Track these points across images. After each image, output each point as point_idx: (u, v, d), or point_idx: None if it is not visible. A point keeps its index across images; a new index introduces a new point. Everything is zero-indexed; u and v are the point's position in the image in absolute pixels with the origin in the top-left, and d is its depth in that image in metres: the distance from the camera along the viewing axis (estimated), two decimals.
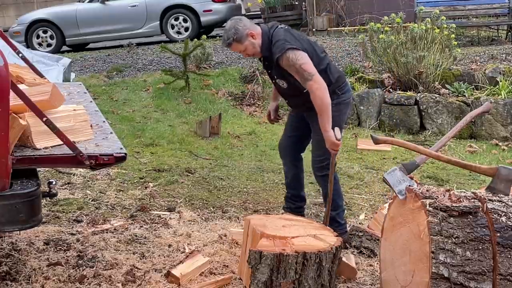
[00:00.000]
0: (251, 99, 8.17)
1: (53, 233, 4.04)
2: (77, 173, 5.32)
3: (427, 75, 7.62)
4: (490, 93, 7.48)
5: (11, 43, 4.20)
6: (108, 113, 7.24)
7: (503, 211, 2.63)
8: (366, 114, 7.59)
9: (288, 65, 3.63)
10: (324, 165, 3.88)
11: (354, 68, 8.53)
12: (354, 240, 3.88)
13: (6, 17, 17.33)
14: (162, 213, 4.52)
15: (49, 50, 11.62)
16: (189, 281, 3.35)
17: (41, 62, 7.48)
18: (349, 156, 6.27)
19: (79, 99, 3.87)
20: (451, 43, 7.77)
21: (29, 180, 2.85)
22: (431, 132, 7.32)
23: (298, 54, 3.61)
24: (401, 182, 2.85)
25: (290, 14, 12.84)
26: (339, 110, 3.81)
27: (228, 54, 10.08)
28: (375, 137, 3.05)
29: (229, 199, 4.86)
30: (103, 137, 3.24)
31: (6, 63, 2.57)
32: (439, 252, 2.53)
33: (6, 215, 2.70)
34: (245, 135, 6.91)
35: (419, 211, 2.66)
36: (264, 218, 3.58)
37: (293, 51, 3.60)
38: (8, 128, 2.62)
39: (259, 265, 2.97)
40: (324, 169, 3.89)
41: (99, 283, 3.31)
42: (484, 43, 10.09)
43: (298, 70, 3.61)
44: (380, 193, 5.06)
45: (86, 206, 4.60)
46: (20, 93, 2.71)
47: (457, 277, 2.53)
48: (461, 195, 2.67)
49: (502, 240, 2.56)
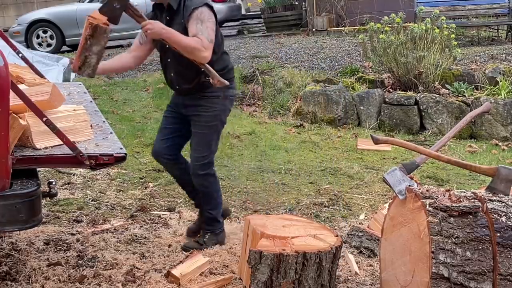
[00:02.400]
0: (251, 99, 8.17)
1: (53, 233, 4.04)
2: (77, 173, 5.32)
3: (427, 75, 7.62)
4: (490, 93, 7.48)
5: (11, 43, 4.20)
6: (108, 113, 7.24)
7: (503, 211, 2.63)
8: (366, 114, 7.59)
9: (197, 18, 3.41)
10: (205, 162, 3.73)
11: (354, 68, 8.53)
12: (354, 240, 3.89)
13: (6, 17, 17.32)
14: (162, 213, 4.52)
15: (49, 50, 11.62)
16: (189, 281, 3.35)
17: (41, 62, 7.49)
18: (349, 156, 6.27)
19: (79, 99, 3.87)
20: (451, 43, 7.77)
21: (29, 180, 2.85)
22: (431, 132, 7.32)
23: (212, 16, 3.48)
24: (401, 182, 2.85)
25: (290, 14, 12.84)
26: (225, 105, 3.76)
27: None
28: (375, 137, 3.05)
29: (229, 199, 4.86)
30: (103, 137, 3.24)
31: (6, 63, 2.57)
32: (439, 252, 2.54)
33: (6, 215, 2.70)
34: (245, 135, 6.91)
35: (419, 211, 2.66)
36: (264, 218, 3.58)
37: (210, 11, 3.47)
38: (8, 128, 2.62)
39: (259, 265, 2.98)
40: (205, 166, 3.74)
41: (99, 283, 3.31)
42: (484, 43, 10.09)
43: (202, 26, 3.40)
44: (380, 193, 5.06)
45: (86, 206, 4.60)
46: (20, 93, 2.71)
47: (457, 277, 2.53)
48: (461, 195, 2.67)
49: (502, 240, 2.56)
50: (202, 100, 3.68)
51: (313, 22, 11.81)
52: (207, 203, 3.88)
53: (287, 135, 7.09)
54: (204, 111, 3.68)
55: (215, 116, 3.72)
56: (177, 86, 3.72)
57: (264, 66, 8.95)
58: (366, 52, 8.33)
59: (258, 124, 7.47)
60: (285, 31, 12.36)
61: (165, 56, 3.68)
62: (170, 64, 3.66)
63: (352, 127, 7.52)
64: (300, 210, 4.61)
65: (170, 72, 3.68)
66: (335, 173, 5.61)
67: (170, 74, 3.70)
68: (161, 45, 3.60)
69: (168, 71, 3.70)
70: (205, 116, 3.69)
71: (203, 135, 3.73)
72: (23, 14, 13.50)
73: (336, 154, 6.31)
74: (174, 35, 3.37)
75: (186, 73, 3.61)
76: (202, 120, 3.70)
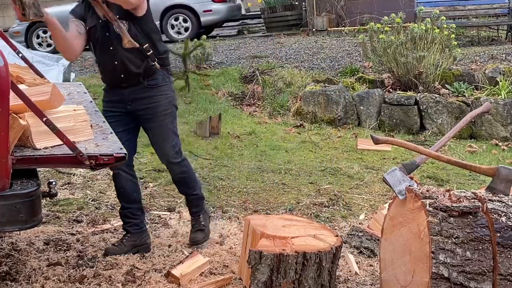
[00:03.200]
0: (251, 99, 8.17)
1: (53, 233, 4.04)
2: (77, 173, 5.32)
3: (427, 75, 7.62)
4: (490, 93, 7.47)
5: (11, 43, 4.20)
6: None
7: (503, 211, 2.63)
8: (366, 114, 7.59)
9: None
10: (178, 149, 3.73)
11: (354, 68, 8.53)
12: (354, 240, 3.89)
13: (6, 17, 17.33)
14: (162, 213, 4.52)
15: (49, 50, 11.60)
16: (189, 281, 3.35)
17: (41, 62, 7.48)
18: (349, 156, 6.27)
19: (79, 99, 3.87)
20: (451, 43, 7.76)
21: (29, 180, 2.85)
22: (431, 132, 7.32)
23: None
24: (401, 182, 2.85)
25: (290, 14, 12.84)
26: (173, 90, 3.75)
27: (228, 54, 10.09)
28: (375, 137, 3.05)
29: (229, 199, 4.86)
30: (103, 137, 3.23)
31: (6, 63, 2.56)
32: (439, 252, 2.53)
33: (6, 215, 2.70)
34: (245, 135, 6.91)
35: (419, 211, 2.66)
36: (264, 218, 3.58)
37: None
38: (8, 128, 2.62)
39: (259, 265, 2.97)
40: (179, 153, 3.75)
41: (99, 283, 3.31)
42: (484, 43, 10.09)
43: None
44: (380, 193, 5.06)
45: (86, 206, 4.61)
46: (20, 93, 2.71)
47: (457, 277, 2.53)
48: (461, 195, 2.67)
49: (502, 240, 2.56)
50: (153, 91, 3.61)
51: (313, 22, 11.81)
52: (191, 187, 3.87)
53: (287, 135, 7.09)
54: (157, 101, 3.62)
55: (170, 102, 3.68)
56: (123, 75, 3.56)
57: (264, 66, 8.96)
58: (366, 52, 8.33)
59: (258, 124, 7.47)
60: (285, 31, 12.36)
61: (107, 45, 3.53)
62: (113, 52, 3.52)
63: (352, 127, 7.52)
64: (300, 210, 4.61)
65: (114, 61, 3.53)
66: (335, 173, 5.61)
67: (114, 63, 3.54)
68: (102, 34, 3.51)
69: (111, 60, 3.54)
70: (161, 105, 3.63)
71: (165, 125, 3.67)
72: None
73: (336, 154, 6.31)
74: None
75: (132, 58, 3.52)
76: (159, 110, 3.63)
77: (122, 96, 3.64)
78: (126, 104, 3.64)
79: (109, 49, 3.54)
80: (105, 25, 3.51)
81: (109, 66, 3.58)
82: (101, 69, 3.67)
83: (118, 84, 3.62)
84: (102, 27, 3.51)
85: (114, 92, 3.66)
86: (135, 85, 3.59)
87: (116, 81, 3.61)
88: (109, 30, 3.50)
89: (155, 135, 3.70)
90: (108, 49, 3.55)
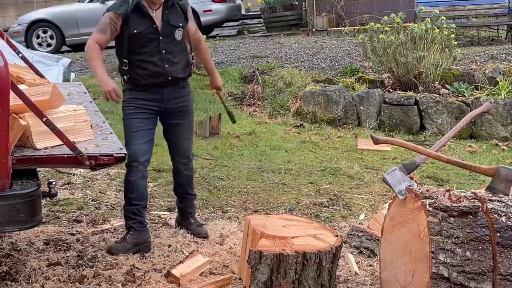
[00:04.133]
0: (251, 99, 8.17)
1: (53, 233, 4.04)
2: (77, 173, 5.32)
3: (427, 75, 7.62)
4: (490, 93, 7.48)
5: (11, 43, 4.21)
6: (108, 113, 7.22)
7: (503, 211, 2.63)
8: (366, 114, 7.59)
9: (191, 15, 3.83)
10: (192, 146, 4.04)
11: (354, 68, 8.53)
12: (354, 240, 3.89)
13: (6, 17, 17.32)
14: (162, 213, 4.52)
15: (49, 50, 11.62)
16: (189, 281, 3.35)
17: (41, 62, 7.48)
18: (349, 156, 6.27)
19: (79, 99, 3.88)
20: (451, 43, 7.77)
21: (29, 180, 2.86)
22: (431, 132, 7.32)
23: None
24: (401, 182, 2.85)
25: (290, 14, 12.84)
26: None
27: (228, 54, 10.08)
28: (375, 137, 3.05)
29: (229, 199, 4.86)
30: (103, 137, 3.24)
31: (6, 63, 2.57)
32: (439, 252, 2.54)
33: (6, 215, 2.71)
34: (245, 135, 6.91)
35: (419, 211, 2.66)
36: (264, 218, 3.58)
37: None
38: (8, 128, 2.62)
39: (259, 265, 2.97)
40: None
41: (99, 283, 3.31)
42: (484, 43, 10.09)
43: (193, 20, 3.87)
44: (380, 193, 5.06)
45: (86, 206, 4.60)
46: (20, 93, 2.71)
47: (457, 277, 2.53)
48: (461, 195, 2.67)
49: (502, 240, 2.56)
50: (184, 90, 3.89)
51: (313, 22, 11.80)
52: (192, 187, 4.10)
53: (287, 135, 7.09)
54: (188, 100, 3.91)
55: (192, 103, 4.00)
56: (170, 77, 3.74)
57: (264, 66, 8.96)
58: (366, 52, 8.33)
59: (258, 124, 7.47)
60: (285, 31, 12.36)
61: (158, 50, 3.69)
62: (165, 57, 3.71)
63: (352, 127, 7.52)
64: (300, 210, 4.60)
65: (165, 64, 3.70)
66: (335, 173, 5.61)
67: (164, 67, 3.70)
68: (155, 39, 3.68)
69: (161, 64, 3.70)
70: (189, 105, 3.92)
71: (191, 123, 3.95)
72: (23, 14, 13.49)
73: (336, 154, 6.31)
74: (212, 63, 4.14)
75: (182, 64, 3.79)
76: (189, 109, 3.91)
77: (160, 95, 3.77)
78: (162, 102, 3.78)
79: (161, 53, 3.69)
80: (158, 31, 3.67)
81: (157, 69, 3.69)
82: (141, 71, 3.70)
83: (159, 84, 3.74)
84: (155, 32, 3.66)
85: (151, 91, 3.76)
86: (174, 85, 3.79)
87: (158, 83, 3.73)
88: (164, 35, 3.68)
89: (182, 131, 3.89)
90: (159, 54, 3.69)
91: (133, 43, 3.68)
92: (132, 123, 3.74)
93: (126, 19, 3.63)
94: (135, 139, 3.71)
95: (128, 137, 3.73)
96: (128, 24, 3.63)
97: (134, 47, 3.69)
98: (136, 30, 3.64)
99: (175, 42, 3.74)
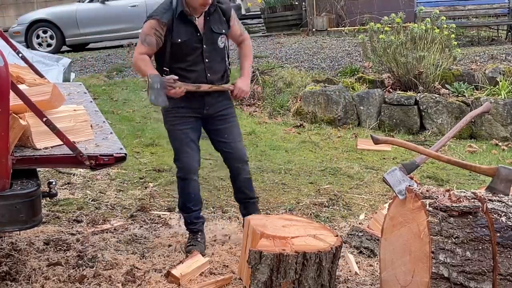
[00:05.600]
0: (251, 99, 8.17)
1: (53, 233, 4.04)
2: (77, 173, 5.32)
3: (427, 75, 7.62)
4: (490, 93, 7.47)
5: (11, 43, 4.21)
6: (108, 113, 7.24)
7: (503, 211, 2.63)
8: (366, 114, 7.59)
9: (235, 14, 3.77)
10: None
11: (354, 68, 8.53)
12: (354, 240, 3.89)
13: (6, 17, 17.32)
14: (162, 213, 4.52)
15: (49, 50, 11.61)
16: (189, 281, 3.35)
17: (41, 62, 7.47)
18: (349, 156, 6.27)
19: (79, 99, 3.88)
20: (451, 43, 7.76)
21: (29, 180, 2.86)
22: (431, 132, 7.32)
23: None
24: (401, 182, 2.85)
25: (290, 14, 12.84)
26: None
27: None
28: (375, 137, 3.05)
29: (229, 199, 4.86)
30: (103, 137, 3.24)
31: (6, 63, 2.57)
32: (439, 252, 2.54)
33: (6, 215, 2.71)
34: (245, 135, 6.91)
35: (419, 211, 2.66)
36: (264, 218, 3.58)
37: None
38: (8, 128, 2.62)
39: (259, 265, 2.98)
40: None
41: (99, 283, 3.31)
42: (484, 43, 10.09)
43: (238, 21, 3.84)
44: (380, 193, 5.06)
45: (86, 206, 4.61)
46: (20, 93, 2.71)
47: (457, 277, 2.53)
48: (461, 195, 2.67)
49: (502, 240, 2.56)
50: (226, 95, 3.84)
51: (313, 22, 11.81)
52: (252, 190, 3.97)
53: (287, 135, 7.09)
54: (229, 103, 3.86)
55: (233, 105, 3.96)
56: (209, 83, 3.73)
57: (264, 66, 8.95)
58: (366, 52, 8.33)
59: (258, 124, 7.47)
60: (285, 31, 12.36)
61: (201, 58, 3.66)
62: (208, 64, 3.69)
63: (352, 127, 7.52)
64: (300, 210, 4.60)
65: (208, 73, 3.68)
66: (335, 173, 5.61)
67: (207, 75, 3.68)
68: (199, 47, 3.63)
69: (205, 71, 3.68)
70: (231, 107, 3.88)
71: (237, 125, 3.89)
72: (23, 14, 13.49)
73: (336, 154, 6.31)
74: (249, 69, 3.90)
75: (219, 70, 3.77)
76: (232, 111, 3.86)
77: (201, 102, 3.72)
78: (203, 109, 3.74)
79: (204, 62, 3.66)
80: (202, 39, 3.63)
81: (200, 78, 3.66)
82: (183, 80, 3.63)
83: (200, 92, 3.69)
84: (199, 41, 3.62)
85: (194, 98, 3.69)
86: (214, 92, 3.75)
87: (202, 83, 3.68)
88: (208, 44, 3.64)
89: (231, 134, 3.82)
90: (203, 63, 3.66)
91: (175, 52, 3.61)
92: (179, 135, 3.73)
93: (170, 27, 3.55)
94: (186, 151, 3.73)
95: (179, 151, 3.75)
96: (172, 33, 3.56)
97: (176, 55, 3.62)
98: (180, 39, 3.57)
99: (218, 49, 3.70)
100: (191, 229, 3.88)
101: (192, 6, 3.57)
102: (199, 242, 3.81)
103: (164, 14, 3.55)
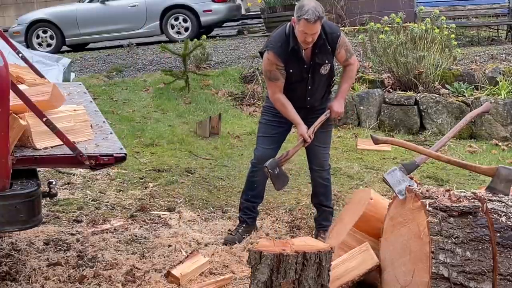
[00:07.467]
0: (251, 99, 8.17)
1: (53, 233, 4.04)
2: (77, 173, 5.32)
3: (427, 75, 7.61)
4: (490, 93, 7.46)
5: (11, 43, 4.21)
6: (108, 113, 7.23)
7: (503, 211, 2.63)
8: (366, 114, 7.59)
9: (344, 42, 3.89)
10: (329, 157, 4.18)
11: None
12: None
13: (6, 17, 17.33)
14: (162, 213, 4.52)
15: (49, 50, 11.61)
16: (189, 281, 3.36)
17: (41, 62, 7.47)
18: (349, 156, 6.26)
19: (79, 99, 3.88)
20: (451, 43, 7.76)
21: (29, 180, 2.86)
22: (431, 132, 7.31)
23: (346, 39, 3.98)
24: (401, 182, 2.85)
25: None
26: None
27: (228, 54, 10.08)
28: (375, 137, 3.06)
29: (229, 199, 4.86)
30: (103, 137, 3.24)
31: (6, 63, 2.57)
32: (439, 252, 2.54)
33: (6, 215, 2.71)
34: (245, 135, 6.91)
35: (419, 211, 2.67)
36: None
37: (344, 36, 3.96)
38: (8, 128, 2.62)
39: (259, 265, 2.97)
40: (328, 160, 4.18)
41: (99, 283, 3.31)
42: (484, 43, 10.09)
43: (348, 47, 3.93)
44: (380, 193, 5.04)
45: (86, 206, 4.60)
46: (20, 93, 2.71)
47: (457, 277, 2.53)
48: (461, 195, 2.67)
49: (502, 240, 2.56)
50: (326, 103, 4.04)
51: None
52: (329, 198, 4.16)
53: None
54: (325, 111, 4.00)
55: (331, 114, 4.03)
56: (308, 106, 3.97)
57: None
58: (366, 52, 8.32)
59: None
60: None
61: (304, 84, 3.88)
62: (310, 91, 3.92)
63: (352, 127, 7.51)
64: (300, 210, 4.60)
65: (307, 97, 3.93)
66: (335, 173, 5.60)
67: (307, 98, 3.93)
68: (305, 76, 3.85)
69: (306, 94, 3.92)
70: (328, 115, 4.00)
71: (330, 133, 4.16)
72: (23, 14, 13.49)
73: (336, 154, 6.30)
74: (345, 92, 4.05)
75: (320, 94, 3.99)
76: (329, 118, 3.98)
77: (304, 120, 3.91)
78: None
79: (307, 89, 3.90)
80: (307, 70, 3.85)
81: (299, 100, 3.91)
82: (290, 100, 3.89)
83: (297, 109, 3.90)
84: (305, 71, 3.85)
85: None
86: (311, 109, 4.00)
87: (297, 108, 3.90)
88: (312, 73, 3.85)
89: (320, 141, 3.99)
90: (305, 90, 3.90)
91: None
92: (264, 128, 4.09)
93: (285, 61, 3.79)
94: (264, 143, 4.05)
95: (258, 140, 4.11)
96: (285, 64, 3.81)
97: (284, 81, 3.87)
98: (291, 70, 3.82)
99: (321, 77, 3.90)
100: (239, 217, 4.15)
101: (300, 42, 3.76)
102: (237, 233, 4.01)
103: (280, 48, 3.79)
